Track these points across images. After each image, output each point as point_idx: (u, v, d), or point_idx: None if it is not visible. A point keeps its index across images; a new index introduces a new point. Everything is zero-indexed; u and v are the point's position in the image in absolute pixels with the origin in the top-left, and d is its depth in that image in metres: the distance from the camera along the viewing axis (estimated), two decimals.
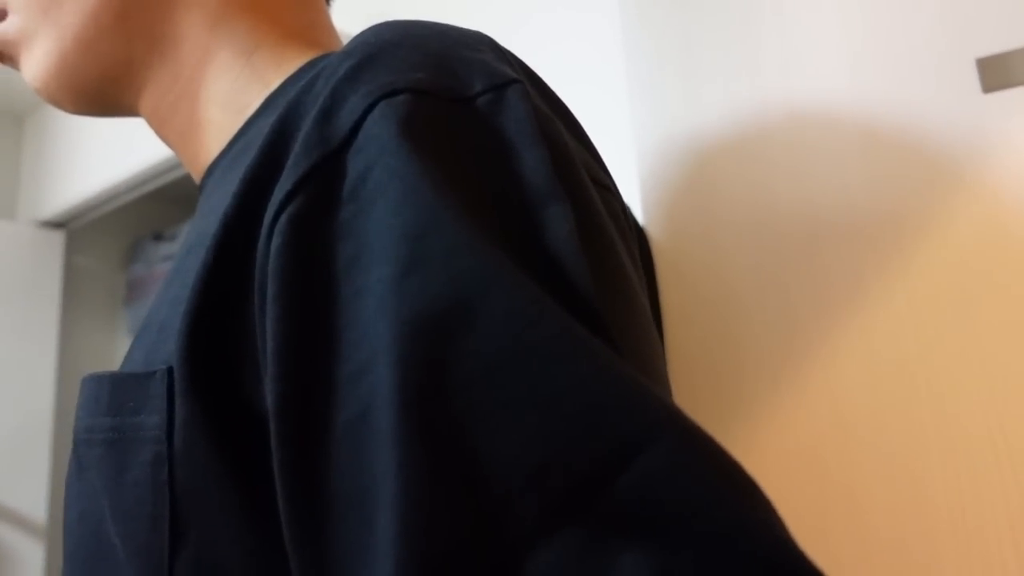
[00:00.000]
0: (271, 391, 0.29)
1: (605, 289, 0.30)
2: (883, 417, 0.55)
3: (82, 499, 0.39)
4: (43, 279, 1.94)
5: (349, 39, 0.37)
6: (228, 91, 0.46)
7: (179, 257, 0.42)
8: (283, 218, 0.31)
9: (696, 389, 0.62)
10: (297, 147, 0.32)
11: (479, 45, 0.36)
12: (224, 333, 0.33)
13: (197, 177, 0.50)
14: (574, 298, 0.28)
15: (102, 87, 0.49)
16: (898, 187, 0.57)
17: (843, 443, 0.56)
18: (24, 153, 2.17)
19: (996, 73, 0.55)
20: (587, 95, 0.81)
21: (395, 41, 0.34)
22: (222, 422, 0.33)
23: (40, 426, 1.86)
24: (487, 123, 0.32)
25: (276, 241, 0.30)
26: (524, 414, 0.25)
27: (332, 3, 0.55)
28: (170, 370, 0.34)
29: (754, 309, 0.61)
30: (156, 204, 2.01)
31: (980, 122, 0.55)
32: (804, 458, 0.57)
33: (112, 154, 1.83)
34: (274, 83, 0.45)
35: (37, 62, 0.49)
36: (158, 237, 2.11)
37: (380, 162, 0.30)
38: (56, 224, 2.01)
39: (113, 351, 2.18)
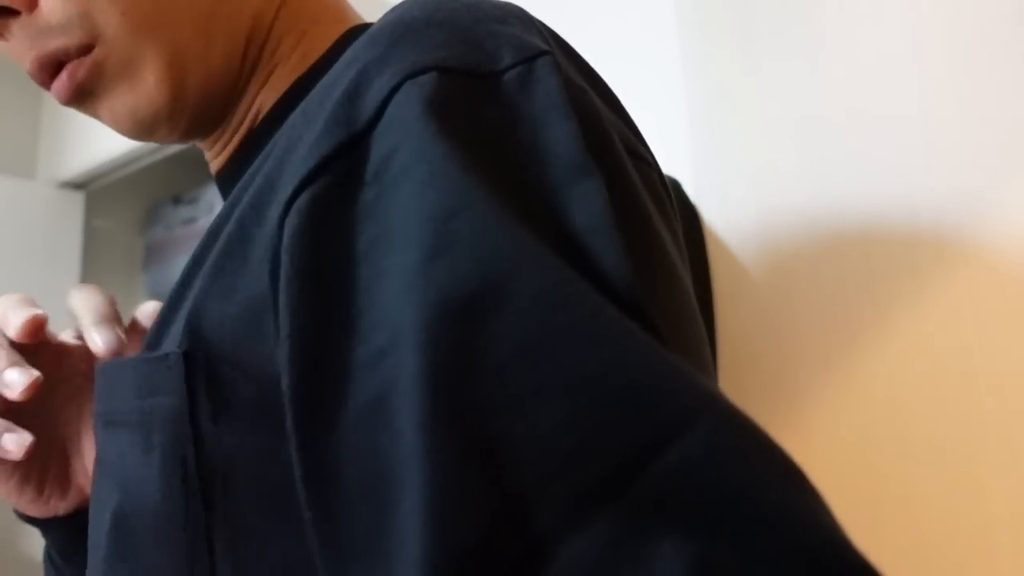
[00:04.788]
0: (286, 373, 0.29)
1: (641, 266, 0.29)
2: (940, 408, 0.54)
3: (108, 496, 0.38)
4: (63, 241, 1.94)
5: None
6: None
7: (205, 233, 0.41)
8: (302, 198, 0.30)
9: (747, 373, 0.61)
10: (319, 127, 0.32)
11: (508, 17, 0.35)
12: (240, 312, 0.33)
13: None
14: (606, 277, 0.28)
15: (210, 108, 0.44)
16: (962, 171, 0.55)
17: (897, 434, 0.55)
18: (43, 112, 2.16)
19: None
20: (640, 72, 0.79)
21: (423, 19, 0.34)
22: (243, 404, 0.33)
23: None
24: (515, 98, 0.31)
25: (293, 221, 0.30)
26: (555, 399, 0.24)
27: None
28: (186, 353, 0.34)
29: (808, 293, 0.60)
30: (176, 167, 2.00)
31: None
32: (857, 448, 0.56)
33: None
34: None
35: (147, 91, 0.42)
36: (177, 200, 2.11)
37: (405, 143, 0.29)
38: (76, 185, 2.01)
39: (131, 314, 2.19)
